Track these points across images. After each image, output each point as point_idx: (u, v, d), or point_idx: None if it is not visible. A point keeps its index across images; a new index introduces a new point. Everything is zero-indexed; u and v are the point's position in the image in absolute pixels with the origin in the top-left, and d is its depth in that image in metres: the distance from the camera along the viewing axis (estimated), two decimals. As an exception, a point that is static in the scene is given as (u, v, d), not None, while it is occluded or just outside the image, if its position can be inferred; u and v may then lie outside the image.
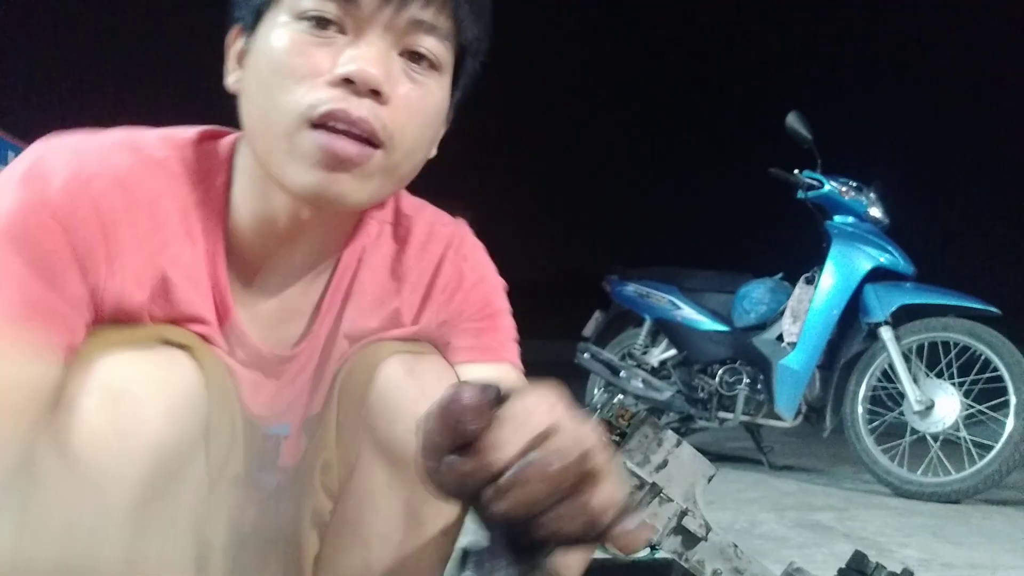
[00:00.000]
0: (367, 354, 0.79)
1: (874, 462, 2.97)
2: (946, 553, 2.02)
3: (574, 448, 0.42)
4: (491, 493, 0.41)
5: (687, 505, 0.85)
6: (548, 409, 0.43)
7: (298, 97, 0.65)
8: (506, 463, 0.41)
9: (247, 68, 0.70)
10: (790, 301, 3.31)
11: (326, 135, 0.64)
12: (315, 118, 0.64)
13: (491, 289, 0.86)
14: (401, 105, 0.67)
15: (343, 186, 0.66)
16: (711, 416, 3.46)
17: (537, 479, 0.41)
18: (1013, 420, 2.72)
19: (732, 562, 0.73)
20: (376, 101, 0.65)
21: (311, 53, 0.65)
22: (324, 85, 0.65)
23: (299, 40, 0.65)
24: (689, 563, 0.84)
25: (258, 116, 0.68)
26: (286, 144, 0.66)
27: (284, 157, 0.66)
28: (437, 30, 0.68)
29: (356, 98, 0.64)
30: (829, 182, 3.26)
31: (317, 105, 0.64)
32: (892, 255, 3.13)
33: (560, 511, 0.42)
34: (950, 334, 2.91)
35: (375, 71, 0.64)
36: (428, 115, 0.70)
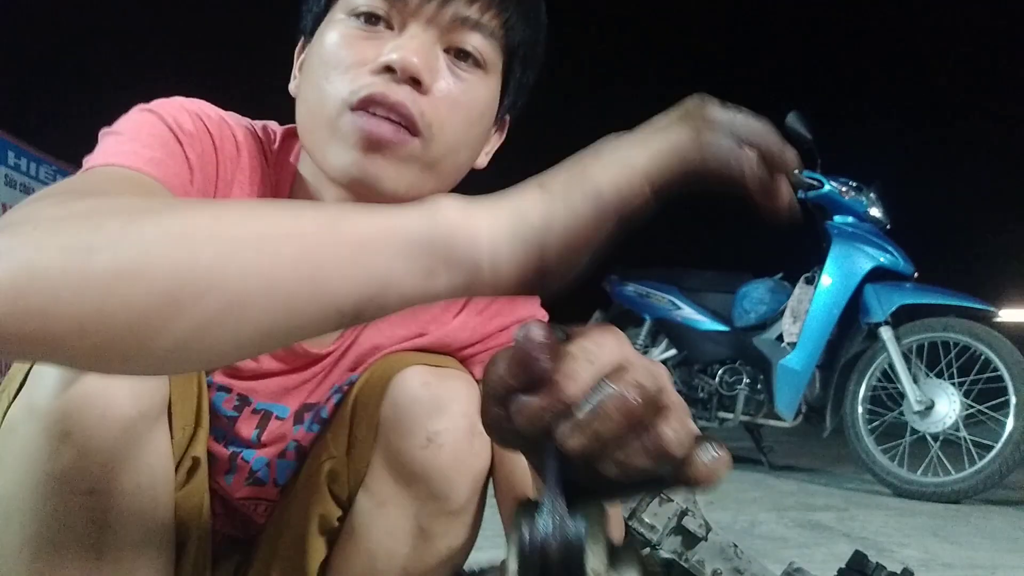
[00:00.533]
0: (386, 364, 0.79)
1: (874, 462, 2.97)
2: (946, 553, 2.02)
3: (649, 381, 0.41)
4: (567, 428, 0.40)
5: (687, 505, 0.85)
6: (617, 345, 0.42)
7: (343, 86, 0.67)
8: (583, 395, 0.40)
9: (304, 69, 0.73)
10: (790, 301, 3.31)
11: (363, 117, 0.66)
12: (355, 103, 0.66)
13: (526, 312, 0.86)
14: (442, 97, 0.68)
15: (379, 169, 0.67)
16: (711, 416, 3.46)
17: (615, 411, 0.40)
18: (1013, 420, 2.72)
19: (732, 562, 0.73)
20: (416, 90, 0.66)
21: (359, 46, 0.68)
22: (367, 73, 0.66)
23: (349, 35, 0.68)
24: (689, 563, 0.84)
25: (307, 109, 0.71)
26: (329, 130, 0.68)
27: (327, 142, 0.68)
28: (482, 27, 0.69)
29: (396, 84, 0.66)
30: (829, 182, 3.26)
31: (358, 91, 0.66)
32: (892, 255, 3.14)
33: (636, 445, 0.41)
34: (950, 334, 2.91)
35: (415, 59, 0.66)
36: (471, 112, 0.71)
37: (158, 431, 0.68)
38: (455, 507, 0.76)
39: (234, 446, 0.81)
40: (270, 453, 0.83)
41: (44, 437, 0.61)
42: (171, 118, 0.66)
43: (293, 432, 0.83)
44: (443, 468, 0.74)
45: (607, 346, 0.42)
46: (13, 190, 3.94)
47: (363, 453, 0.78)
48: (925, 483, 2.84)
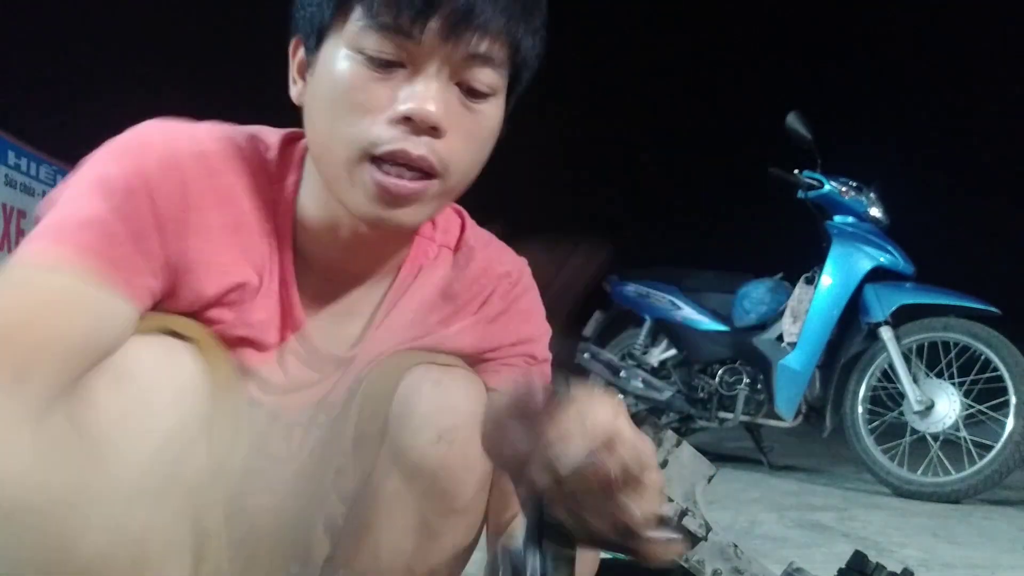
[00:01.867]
0: (393, 361, 0.80)
1: (874, 462, 2.97)
2: (946, 553, 2.02)
3: (633, 461, 0.44)
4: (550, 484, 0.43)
5: (687, 505, 0.85)
6: (613, 416, 0.45)
7: (359, 132, 0.67)
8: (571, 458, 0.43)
9: (310, 87, 0.72)
10: (790, 301, 3.31)
11: (385, 176, 0.67)
12: (374, 155, 0.67)
13: (536, 331, 0.88)
14: (458, 137, 0.69)
15: (399, 216, 0.69)
16: (711, 416, 3.46)
17: (594, 480, 0.43)
18: (1013, 420, 2.72)
19: (732, 562, 0.73)
20: (434, 136, 0.67)
21: (372, 89, 0.67)
22: (384, 123, 0.66)
23: (360, 75, 0.67)
24: (689, 563, 0.84)
25: (321, 142, 0.71)
26: (347, 174, 0.68)
27: (346, 185, 0.69)
28: (493, 60, 0.69)
29: (415, 136, 0.67)
30: (829, 182, 3.26)
31: (378, 143, 0.66)
32: (892, 255, 3.14)
33: (604, 513, 0.44)
34: (950, 334, 2.91)
35: (433, 109, 0.66)
36: (484, 140, 0.72)
37: (197, 443, 0.68)
38: (461, 505, 0.76)
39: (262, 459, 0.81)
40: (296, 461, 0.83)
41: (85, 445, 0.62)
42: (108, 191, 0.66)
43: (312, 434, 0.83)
44: (452, 465, 0.74)
45: (603, 416, 0.45)
46: (13, 190, 3.94)
47: (370, 449, 0.78)
48: (925, 483, 2.84)
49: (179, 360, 0.67)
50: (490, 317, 0.84)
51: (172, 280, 0.70)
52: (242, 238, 0.73)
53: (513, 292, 0.86)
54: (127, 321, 0.66)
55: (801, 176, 3.30)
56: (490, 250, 0.87)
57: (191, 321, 0.72)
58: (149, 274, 0.68)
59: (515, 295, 0.86)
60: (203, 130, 0.73)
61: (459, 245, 0.86)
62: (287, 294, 0.76)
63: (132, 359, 0.65)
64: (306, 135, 0.73)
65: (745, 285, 3.52)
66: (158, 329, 0.68)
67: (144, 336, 0.67)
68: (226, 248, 0.72)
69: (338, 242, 0.75)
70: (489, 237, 0.89)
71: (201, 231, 0.70)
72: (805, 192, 3.29)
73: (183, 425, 0.65)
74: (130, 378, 0.64)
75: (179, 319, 0.71)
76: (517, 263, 0.89)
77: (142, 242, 0.67)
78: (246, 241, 0.73)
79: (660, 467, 0.90)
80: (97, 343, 0.63)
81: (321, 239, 0.76)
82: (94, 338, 0.63)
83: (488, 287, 0.85)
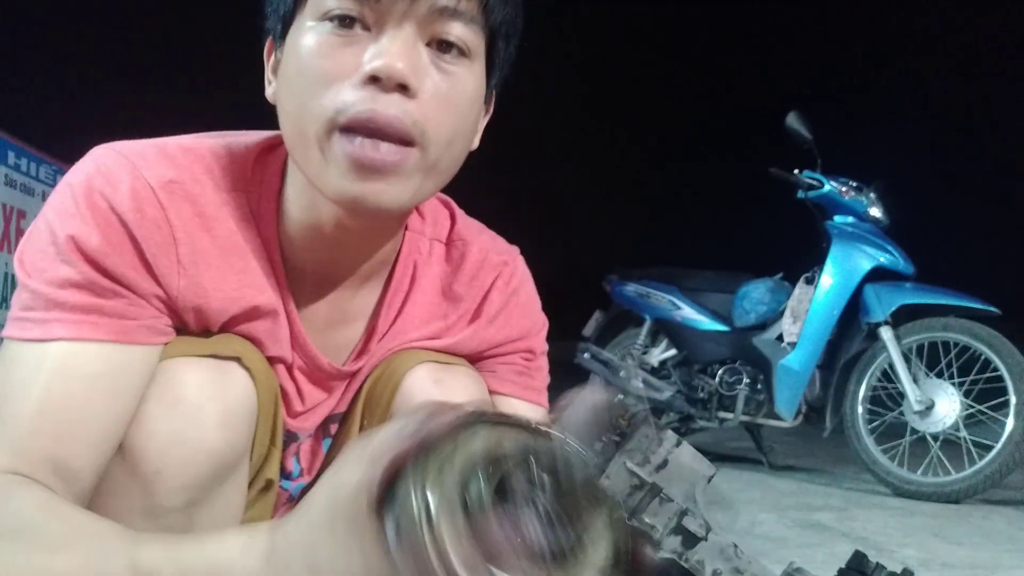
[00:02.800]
0: (396, 361, 0.79)
1: (874, 462, 2.97)
2: (946, 553, 2.02)
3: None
4: None
5: (687, 505, 0.84)
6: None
7: (326, 102, 0.63)
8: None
9: (280, 75, 0.69)
10: (790, 301, 3.31)
11: (356, 145, 0.63)
12: (343, 124, 0.63)
13: (534, 326, 0.87)
14: (431, 98, 0.65)
15: (378, 192, 0.64)
16: (711, 416, 3.46)
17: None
18: (1013, 420, 2.72)
19: (732, 562, 0.73)
20: (404, 96, 0.63)
21: (336, 54, 0.63)
22: (351, 87, 0.63)
23: (324, 42, 0.64)
24: (689, 563, 0.84)
25: (291, 124, 0.67)
26: (318, 152, 0.65)
27: (319, 164, 0.65)
28: (461, 14, 0.65)
29: (384, 95, 0.62)
30: (829, 182, 3.26)
31: (345, 109, 0.62)
32: (892, 255, 3.14)
33: None
34: (950, 334, 2.91)
35: (400, 65, 0.62)
36: (462, 105, 0.68)
37: (243, 459, 0.69)
38: None
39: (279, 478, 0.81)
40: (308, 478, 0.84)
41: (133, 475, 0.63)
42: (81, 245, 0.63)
43: (324, 447, 0.83)
44: None
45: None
46: (13, 190, 3.94)
47: None
48: (925, 483, 2.84)
49: (227, 380, 0.67)
50: (491, 316, 0.84)
51: (188, 311, 0.68)
52: (236, 259, 0.70)
53: (511, 285, 0.85)
54: (144, 365, 0.64)
55: (801, 176, 3.30)
56: (483, 240, 0.85)
57: (238, 338, 0.71)
58: (151, 315, 0.66)
59: (513, 288, 0.85)
60: (168, 153, 0.69)
61: (451, 237, 0.83)
62: (288, 309, 0.74)
63: (180, 384, 0.65)
64: (281, 128, 0.70)
65: (745, 285, 3.52)
66: (207, 348, 0.68)
67: (191, 359, 0.66)
68: (226, 273, 0.70)
69: (325, 241, 0.72)
70: (479, 227, 0.87)
71: (197, 262, 0.68)
72: (805, 192, 3.29)
73: (231, 445, 0.66)
74: (180, 401, 0.64)
75: (227, 338, 0.71)
76: (511, 252, 0.87)
77: (135, 286, 0.65)
78: (240, 261, 0.71)
79: (660, 467, 0.90)
80: (120, 410, 0.63)
81: (308, 244, 0.73)
82: (115, 406, 0.62)
83: (487, 281, 0.83)
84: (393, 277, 0.80)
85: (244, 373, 0.69)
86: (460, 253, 0.83)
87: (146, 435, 0.63)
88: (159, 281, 0.66)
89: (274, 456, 0.75)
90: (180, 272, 0.67)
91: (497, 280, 0.84)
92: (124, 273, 0.64)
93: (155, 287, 0.66)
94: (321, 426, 0.83)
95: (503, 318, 0.84)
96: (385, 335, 0.80)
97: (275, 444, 0.75)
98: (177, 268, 0.66)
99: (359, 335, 0.80)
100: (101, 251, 0.63)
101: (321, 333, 0.78)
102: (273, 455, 0.75)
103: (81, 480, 0.61)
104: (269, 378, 0.73)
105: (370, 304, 0.80)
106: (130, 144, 0.69)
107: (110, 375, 0.62)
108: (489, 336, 0.84)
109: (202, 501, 0.65)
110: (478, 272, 0.83)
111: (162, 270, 0.66)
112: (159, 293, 0.66)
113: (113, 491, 0.63)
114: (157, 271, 0.66)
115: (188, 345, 0.68)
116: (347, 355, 0.80)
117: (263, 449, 0.73)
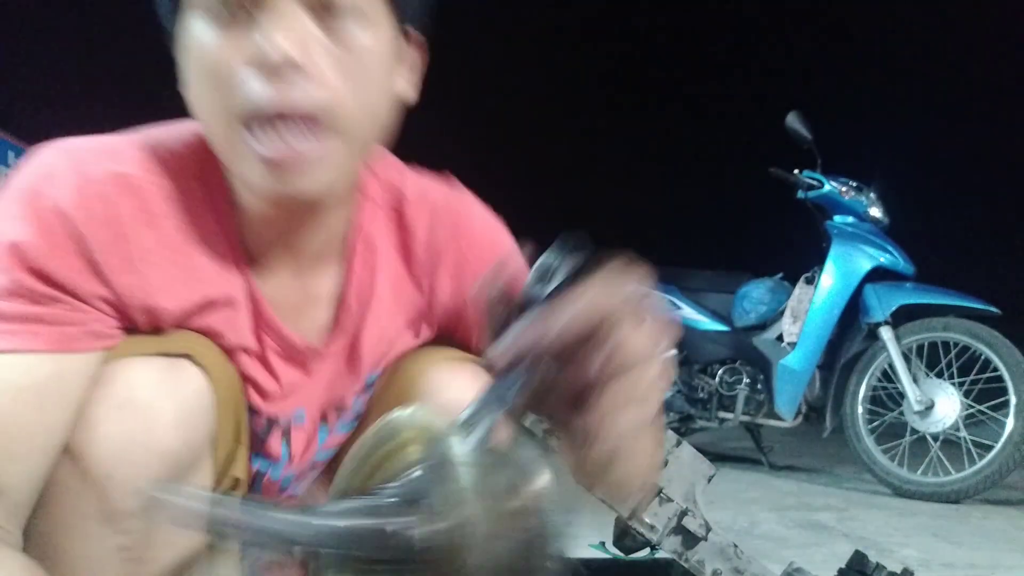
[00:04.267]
0: (408, 363, 0.79)
1: (874, 462, 2.97)
2: (946, 553, 2.02)
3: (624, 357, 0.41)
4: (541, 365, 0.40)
5: (687, 505, 0.85)
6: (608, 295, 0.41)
7: (223, 98, 0.60)
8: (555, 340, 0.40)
9: (183, 74, 0.66)
10: (790, 301, 3.31)
11: (266, 143, 0.60)
12: (246, 118, 0.60)
13: (496, 249, 0.82)
14: (330, 71, 0.61)
15: (297, 182, 0.62)
16: (711, 416, 3.46)
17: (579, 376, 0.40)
18: (1013, 420, 2.72)
19: (732, 562, 0.73)
20: (301, 77, 0.59)
21: (220, 47, 0.60)
22: (244, 78, 0.59)
23: (207, 36, 0.61)
24: (689, 563, 0.84)
25: (204, 124, 0.65)
26: (230, 150, 0.63)
27: (235, 161, 0.63)
28: None
29: (280, 82, 0.59)
30: (829, 182, 3.26)
31: (243, 103, 0.60)
32: (892, 255, 3.14)
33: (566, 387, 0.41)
34: (950, 334, 2.91)
35: (286, 45, 0.58)
36: (367, 68, 0.63)
37: (203, 459, 0.67)
38: None
39: (262, 465, 0.81)
40: (299, 466, 0.82)
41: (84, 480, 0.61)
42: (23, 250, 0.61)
43: (320, 437, 0.82)
44: None
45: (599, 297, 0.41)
46: (13, 190, 3.94)
47: None
48: (925, 483, 2.84)
49: (180, 378, 0.65)
50: (455, 267, 0.80)
51: (137, 311, 0.66)
52: (186, 253, 0.68)
53: (462, 227, 0.81)
54: (86, 371, 0.63)
55: (801, 176, 3.31)
56: (420, 186, 0.82)
57: (192, 335, 0.69)
58: (95, 319, 0.64)
59: (464, 228, 0.81)
60: (114, 148, 0.67)
61: (401, 198, 0.80)
62: (252, 294, 0.73)
63: (130, 385, 0.63)
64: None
65: (745, 285, 3.52)
66: (157, 347, 0.66)
67: (141, 359, 0.64)
68: (174, 269, 0.67)
69: (274, 223, 0.70)
70: (426, 180, 0.83)
71: (145, 258, 0.65)
72: (805, 192, 3.29)
73: (187, 444, 0.64)
74: (130, 403, 0.62)
75: (179, 335, 0.69)
76: (445, 187, 0.83)
77: (78, 289, 0.63)
78: (191, 254, 0.68)
79: (660, 467, 0.90)
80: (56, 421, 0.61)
81: (263, 226, 0.71)
82: (52, 416, 0.60)
83: (442, 235, 0.80)
84: (356, 250, 0.77)
85: (197, 370, 0.67)
86: (414, 212, 0.80)
87: (95, 439, 0.61)
88: (106, 281, 0.64)
89: (240, 454, 0.73)
90: (129, 269, 0.64)
91: (450, 228, 0.80)
92: (66, 276, 0.62)
93: (100, 287, 0.64)
94: (317, 414, 0.81)
95: (472, 267, 0.81)
96: (360, 313, 0.78)
97: (241, 441, 0.73)
98: (126, 265, 0.64)
99: (327, 312, 0.78)
100: (42, 255, 0.61)
101: (291, 315, 0.76)
102: (239, 453, 0.73)
103: (15, 495, 0.59)
104: (228, 374, 0.71)
105: (335, 279, 0.78)
106: (75, 141, 0.66)
107: (47, 386, 0.60)
108: (467, 285, 0.81)
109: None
110: (432, 226, 0.80)
111: (110, 267, 0.64)
112: (104, 294, 0.64)
113: (66, 498, 0.61)
114: (104, 269, 0.63)
115: (136, 345, 0.65)
116: (315, 332, 0.78)
117: (228, 447, 0.71)
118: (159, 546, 0.64)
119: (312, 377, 0.79)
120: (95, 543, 0.61)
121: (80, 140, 0.67)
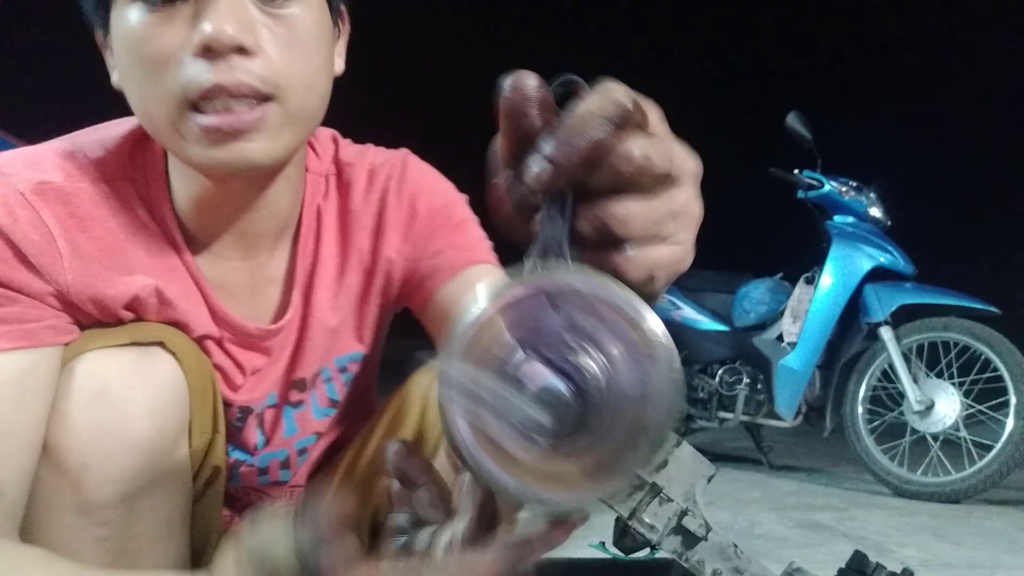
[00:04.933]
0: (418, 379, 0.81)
1: (874, 462, 2.97)
2: (946, 553, 2.02)
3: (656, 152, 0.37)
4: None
5: (687, 505, 0.85)
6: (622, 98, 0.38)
7: (167, 83, 0.61)
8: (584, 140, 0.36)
9: (117, 65, 0.67)
10: (790, 301, 3.31)
11: (209, 117, 0.61)
12: (192, 102, 0.61)
13: (448, 205, 0.82)
14: (273, 49, 0.62)
15: (243, 152, 0.63)
16: (711, 416, 3.46)
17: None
18: (1013, 420, 2.72)
19: (732, 562, 0.73)
20: (245, 57, 0.61)
21: (161, 33, 0.61)
22: (187, 63, 0.60)
23: (146, 22, 0.61)
24: (689, 563, 0.84)
25: (140, 111, 0.66)
26: (174, 132, 0.63)
27: (179, 143, 0.64)
28: None
29: (224, 63, 0.60)
30: (829, 182, 3.26)
31: (188, 86, 0.61)
32: (892, 255, 3.14)
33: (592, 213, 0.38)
34: (950, 334, 2.91)
35: (229, 28, 0.59)
36: (308, 45, 0.65)
37: (178, 447, 0.68)
38: None
39: (239, 454, 0.81)
40: (274, 447, 0.83)
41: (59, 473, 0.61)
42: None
43: (286, 415, 0.82)
44: None
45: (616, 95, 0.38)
46: (13, 190, 3.94)
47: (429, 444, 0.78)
48: (925, 483, 2.84)
49: (152, 368, 0.66)
50: (398, 223, 0.80)
51: (86, 303, 0.67)
52: (120, 254, 0.68)
53: (405, 183, 0.81)
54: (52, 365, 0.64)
55: (801, 176, 3.30)
56: (368, 156, 0.82)
57: (161, 325, 0.70)
58: (52, 315, 0.65)
59: (408, 185, 0.81)
60: (38, 158, 0.68)
61: (339, 168, 0.81)
62: (199, 285, 0.73)
63: (102, 376, 0.63)
64: (136, 115, 0.68)
65: (745, 285, 3.52)
66: (127, 336, 0.66)
67: (113, 350, 0.65)
68: (115, 264, 0.68)
69: (218, 209, 0.71)
70: (362, 148, 0.84)
71: (80, 255, 0.66)
72: (805, 192, 3.29)
73: (161, 433, 0.64)
74: (101, 394, 0.63)
75: (149, 325, 0.69)
76: (394, 154, 0.84)
77: (28, 288, 0.64)
78: (126, 255, 0.69)
79: (660, 467, 0.90)
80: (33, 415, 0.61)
81: (205, 215, 0.72)
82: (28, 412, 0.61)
83: (378, 193, 0.80)
84: (302, 226, 0.78)
85: (169, 357, 0.67)
86: (348, 178, 0.81)
87: (69, 431, 0.61)
88: (50, 280, 0.65)
89: (218, 443, 0.74)
90: (66, 267, 0.65)
91: (389, 184, 0.80)
92: (12, 278, 0.63)
93: (46, 285, 0.65)
94: (281, 394, 0.81)
95: (417, 223, 0.81)
96: (308, 286, 0.79)
97: (218, 430, 0.73)
98: (61, 263, 0.65)
99: (279, 292, 0.79)
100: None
101: (247, 300, 0.76)
102: (217, 441, 0.73)
103: (10, 493, 0.60)
104: (200, 361, 0.71)
105: (284, 258, 0.79)
106: (3, 155, 0.68)
107: (23, 382, 0.61)
108: (415, 244, 0.80)
109: (139, 494, 0.63)
110: (370, 186, 0.80)
111: (48, 268, 0.65)
112: (51, 291, 0.65)
113: (42, 491, 0.62)
114: (43, 270, 0.65)
115: (106, 336, 0.66)
116: (270, 314, 0.79)
117: (206, 436, 0.72)
118: (139, 537, 0.64)
119: (272, 357, 0.79)
120: (74, 535, 0.62)
121: (5, 154, 0.68)
